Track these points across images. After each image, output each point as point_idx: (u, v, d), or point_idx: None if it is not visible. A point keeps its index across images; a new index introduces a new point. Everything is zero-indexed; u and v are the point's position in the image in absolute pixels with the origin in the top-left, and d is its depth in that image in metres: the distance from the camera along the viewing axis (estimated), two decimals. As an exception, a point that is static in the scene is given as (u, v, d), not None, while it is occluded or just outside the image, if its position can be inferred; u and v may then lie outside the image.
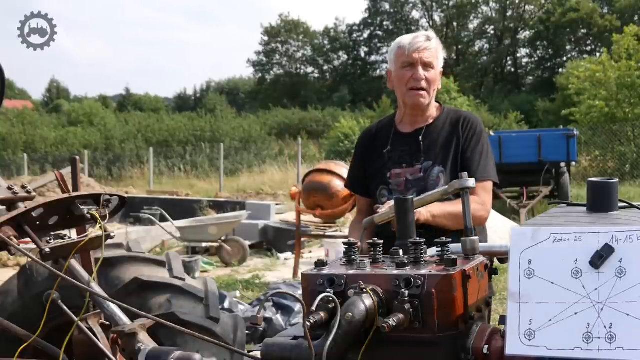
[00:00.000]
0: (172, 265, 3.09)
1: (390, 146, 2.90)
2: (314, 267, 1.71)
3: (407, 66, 2.81)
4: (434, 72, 2.83)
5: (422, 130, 2.87)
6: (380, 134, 2.98)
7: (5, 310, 2.95)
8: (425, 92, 2.81)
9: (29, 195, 2.59)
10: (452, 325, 1.54)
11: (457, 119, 2.87)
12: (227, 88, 62.62)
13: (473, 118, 2.91)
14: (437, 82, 2.86)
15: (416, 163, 2.84)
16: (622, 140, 20.14)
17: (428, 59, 2.79)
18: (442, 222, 2.64)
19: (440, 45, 2.88)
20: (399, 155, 2.88)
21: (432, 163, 2.81)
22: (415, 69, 2.79)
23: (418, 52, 2.78)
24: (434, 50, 2.83)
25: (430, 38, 2.84)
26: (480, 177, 2.75)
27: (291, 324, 5.44)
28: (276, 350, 1.63)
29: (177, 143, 30.18)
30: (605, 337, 1.35)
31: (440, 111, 2.94)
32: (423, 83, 2.79)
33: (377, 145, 2.95)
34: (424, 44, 2.79)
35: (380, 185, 2.88)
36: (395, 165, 2.87)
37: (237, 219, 10.52)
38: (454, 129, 2.85)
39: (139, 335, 2.17)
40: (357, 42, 55.27)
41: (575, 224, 1.62)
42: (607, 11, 45.63)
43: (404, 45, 2.81)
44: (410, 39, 2.82)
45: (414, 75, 2.79)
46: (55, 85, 66.79)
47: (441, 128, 2.87)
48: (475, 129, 2.85)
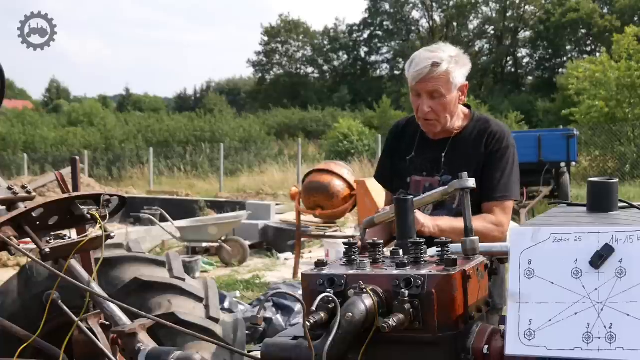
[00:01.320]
0: (172, 265, 3.10)
1: (414, 152, 2.80)
2: (314, 267, 1.71)
3: (415, 94, 2.68)
4: (443, 100, 2.63)
5: (448, 141, 2.75)
6: (407, 133, 2.88)
7: (5, 310, 2.95)
8: (435, 121, 2.68)
9: (29, 195, 2.59)
10: (452, 325, 1.54)
11: (483, 131, 2.72)
12: (227, 88, 62.63)
13: (500, 131, 2.72)
14: (452, 106, 2.66)
15: (436, 174, 2.75)
16: (622, 140, 20.13)
17: (434, 88, 2.60)
18: (449, 236, 2.58)
19: (454, 63, 2.62)
20: (420, 162, 2.79)
21: (451, 178, 2.65)
22: (421, 99, 2.65)
23: (422, 83, 2.61)
24: (443, 76, 2.59)
25: (439, 62, 2.58)
26: (500, 196, 2.65)
27: (291, 324, 5.44)
28: (276, 350, 1.63)
29: (177, 143, 30.15)
30: (605, 337, 1.35)
31: (469, 120, 2.78)
32: (429, 115, 2.65)
33: (402, 143, 2.87)
34: (429, 73, 2.58)
35: (400, 189, 2.81)
36: (416, 172, 2.79)
37: (237, 219, 10.52)
38: (478, 142, 2.71)
39: (139, 335, 2.18)
40: (357, 42, 55.25)
41: (575, 224, 1.62)
42: (607, 11, 45.61)
43: (410, 72, 2.65)
44: (415, 67, 2.62)
45: (420, 107, 2.66)
46: (55, 85, 66.82)
47: (466, 140, 2.73)
48: (501, 144, 2.68)
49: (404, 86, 38.05)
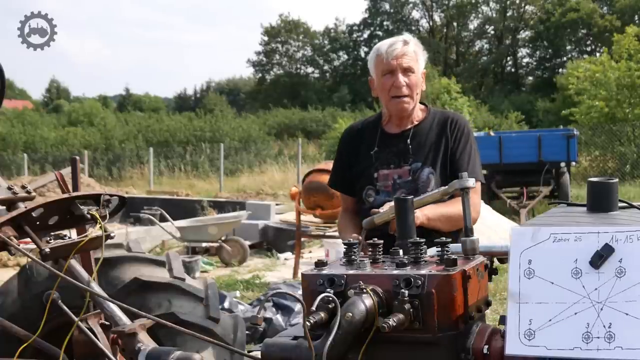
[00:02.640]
0: (172, 265, 3.09)
1: (377, 147, 2.86)
2: (314, 267, 1.71)
3: (387, 74, 2.78)
4: (415, 76, 2.79)
5: (410, 131, 2.86)
6: (365, 134, 2.95)
7: (5, 310, 2.95)
8: (408, 97, 2.78)
9: (29, 195, 2.59)
10: (452, 325, 1.54)
11: (444, 120, 2.86)
12: (227, 88, 62.65)
13: (460, 118, 2.90)
14: (420, 85, 2.83)
15: (404, 164, 2.82)
16: (622, 140, 20.13)
17: (407, 64, 2.76)
18: (436, 224, 2.63)
19: (419, 47, 2.84)
20: (386, 156, 2.85)
21: (421, 164, 2.79)
22: (395, 76, 2.76)
23: (396, 59, 2.75)
24: (413, 54, 2.78)
25: (408, 42, 2.80)
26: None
27: (291, 324, 5.43)
28: (276, 350, 1.63)
29: (177, 143, 30.14)
30: (604, 337, 1.35)
31: (427, 112, 2.92)
32: (404, 89, 2.76)
33: (362, 144, 2.92)
34: (402, 49, 2.76)
35: (367, 186, 2.85)
36: (383, 166, 2.84)
37: (237, 219, 10.52)
38: (442, 129, 2.84)
39: (139, 335, 2.18)
40: (357, 42, 55.26)
41: (575, 224, 1.62)
42: (607, 11, 45.63)
43: (382, 53, 2.78)
44: (387, 46, 2.79)
45: (394, 83, 2.76)
46: (55, 85, 66.81)
47: (429, 129, 2.85)
48: (463, 130, 2.84)
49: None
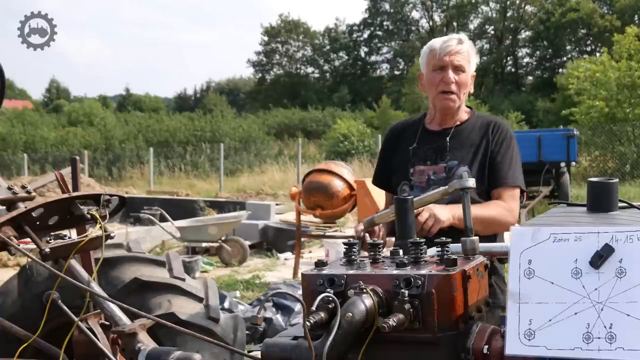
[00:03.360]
0: (172, 265, 3.09)
1: (417, 143, 2.87)
2: (314, 267, 1.71)
3: (437, 69, 2.78)
4: (465, 76, 2.79)
5: (451, 129, 2.85)
6: (407, 131, 2.96)
7: (5, 310, 2.95)
8: (455, 95, 2.78)
9: (29, 195, 2.59)
10: (452, 325, 1.54)
11: (487, 123, 2.86)
12: (227, 88, 62.64)
13: (503, 124, 2.90)
14: (468, 86, 2.83)
15: (441, 161, 2.80)
16: (622, 140, 20.14)
17: (459, 62, 2.76)
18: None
19: (473, 49, 2.85)
20: (424, 152, 2.85)
21: (457, 162, 2.78)
22: (446, 72, 2.76)
23: (449, 55, 2.76)
24: (466, 54, 2.79)
25: (462, 41, 2.80)
26: (510, 184, 2.75)
27: (291, 324, 5.43)
28: (276, 350, 1.63)
29: (177, 143, 30.15)
30: (605, 337, 1.35)
31: (471, 115, 2.92)
32: (453, 86, 2.77)
33: (402, 141, 2.93)
34: (456, 47, 2.77)
35: (402, 181, 2.85)
36: (419, 162, 2.84)
37: (237, 219, 10.52)
38: (483, 132, 2.83)
39: (139, 335, 2.17)
40: (357, 42, 55.27)
41: (575, 224, 1.62)
42: (607, 11, 45.63)
43: (435, 48, 2.78)
44: (442, 42, 2.79)
45: (444, 79, 2.76)
46: (55, 85, 66.79)
47: (470, 130, 2.85)
48: (505, 135, 2.83)
49: (404, 86, 38.09)
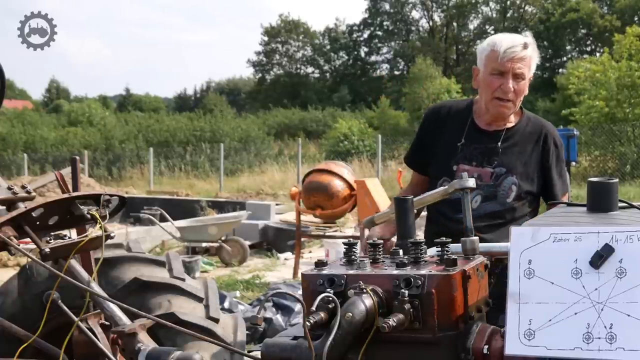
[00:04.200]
0: (172, 265, 3.09)
1: (465, 139, 2.73)
2: (314, 267, 1.71)
3: (496, 73, 2.63)
4: (524, 84, 2.66)
5: (502, 132, 2.73)
6: (453, 120, 2.80)
7: (5, 311, 2.95)
8: (511, 103, 2.66)
9: (29, 195, 2.59)
10: (452, 325, 1.54)
11: (539, 129, 2.76)
12: (227, 88, 62.64)
13: (554, 131, 2.82)
14: (525, 92, 2.70)
15: (487, 165, 2.70)
16: (622, 140, 20.12)
17: (520, 70, 2.61)
18: None
19: (536, 52, 2.69)
20: (471, 151, 2.73)
21: (505, 171, 2.68)
22: (505, 79, 2.61)
23: (512, 62, 2.59)
24: (528, 60, 2.63)
25: (527, 45, 2.62)
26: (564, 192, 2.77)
27: (291, 324, 5.44)
28: (276, 350, 1.63)
29: (177, 143, 30.15)
30: (605, 338, 1.35)
31: (521, 115, 2.80)
32: (510, 95, 2.63)
33: (448, 130, 2.79)
34: (520, 52, 2.60)
35: (444, 177, 2.72)
36: (464, 161, 2.72)
37: (237, 219, 10.52)
38: (535, 140, 2.74)
39: (139, 335, 2.18)
40: (357, 42, 55.25)
41: (575, 224, 1.62)
42: (607, 11, 45.62)
43: (498, 51, 2.60)
44: (507, 45, 2.60)
45: (502, 86, 2.61)
46: (55, 85, 66.78)
47: (521, 135, 2.74)
48: (557, 143, 2.77)
49: (404, 86, 38.06)
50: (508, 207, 2.68)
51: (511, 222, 2.67)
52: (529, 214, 2.74)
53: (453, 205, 2.55)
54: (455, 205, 2.49)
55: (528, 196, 2.72)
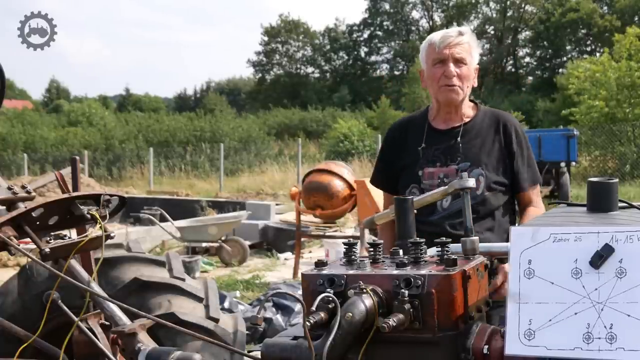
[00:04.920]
0: (172, 265, 3.09)
1: (425, 143, 2.76)
2: (314, 267, 1.71)
3: (437, 63, 2.69)
4: (467, 68, 2.70)
5: (460, 128, 2.75)
6: (411, 129, 2.84)
7: (5, 311, 2.95)
8: (458, 87, 2.69)
9: (29, 195, 2.59)
10: (452, 325, 1.54)
11: (496, 120, 2.78)
12: (227, 88, 62.68)
13: (512, 119, 2.83)
14: (471, 79, 2.74)
15: (451, 163, 2.71)
16: (622, 140, 20.14)
17: (459, 54, 2.67)
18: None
19: (474, 40, 2.75)
20: (432, 153, 2.74)
21: (469, 164, 2.69)
22: (446, 65, 2.67)
23: (449, 48, 2.67)
24: (467, 46, 2.70)
25: (463, 33, 2.71)
26: (534, 183, 2.78)
27: (291, 324, 5.44)
28: (276, 350, 1.63)
29: (177, 143, 30.16)
30: (605, 338, 1.35)
31: (477, 110, 2.83)
32: (455, 80, 2.68)
33: (408, 140, 2.82)
34: (455, 39, 2.68)
35: (412, 184, 2.75)
36: (428, 164, 2.74)
37: (237, 219, 10.52)
38: (495, 130, 2.75)
39: (139, 335, 2.17)
40: (357, 42, 55.30)
41: (575, 224, 1.62)
42: (607, 11, 45.64)
43: (435, 42, 2.69)
44: (441, 35, 2.71)
45: (445, 72, 2.67)
46: (55, 85, 66.83)
47: (479, 127, 2.76)
48: (518, 131, 2.77)
49: (404, 86, 38.09)
50: (479, 200, 2.66)
51: (487, 215, 2.69)
52: (503, 205, 2.73)
53: (424, 208, 2.49)
54: (426, 207, 2.46)
55: (498, 186, 2.71)
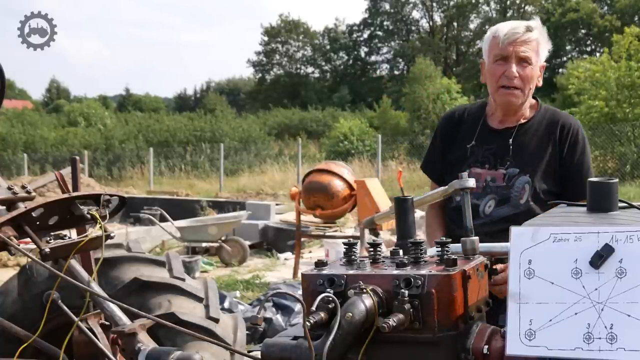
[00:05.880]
0: (172, 265, 3.09)
1: (475, 141, 2.61)
2: (314, 267, 1.71)
3: (499, 60, 2.50)
4: (531, 69, 2.50)
5: (514, 130, 2.58)
6: (466, 122, 2.68)
7: (5, 311, 2.95)
8: (519, 90, 2.50)
9: (29, 195, 2.59)
10: (452, 325, 1.54)
11: (554, 122, 2.58)
12: (227, 88, 62.69)
13: (574, 123, 2.59)
14: (535, 80, 2.54)
15: (500, 167, 2.56)
16: (622, 140, 20.14)
17: (524, 53, 2.47)
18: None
19: (544, 36, 2.54)
20: (482, 153, 2.60)
21: (518, 171, 2.53)
22: (509, 64, 2.48)
23: (514, 45, 2.46)
24: (534, 43, 2.49)
25: (532, 28, 2.49)
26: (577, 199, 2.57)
27: (291, 324, 5.44)
28: (276, 350, 1.63)
29: (177, 143, 30.17)
30: (606, 338, 1.35)
31: (537, 109, 2.63)
32: (516, 81, 2.48)
33: (461, 133, 2.67)
34: (523, 35, 2.47)
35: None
36: (476, 164, 2.59)
37: (237, 219, 10.53)
38: (550, 133, 2.56)
39: (139, 335, 2.18)
40: (357, 42, 55.29)
41: (575, 224, 1.62)
42: (607, 11, 45.65)
43: (499, 36, 2.49)
44: (508, 29, 2.49)
45: (506, 72, 2.48)
46: (55, 85, 66.83)
47: (535, 130, 2.58)
48: (577, 137, 2.55)
49: (404, 86, 38.05)
50: (523, 210, 2.50)
51: None
52: None
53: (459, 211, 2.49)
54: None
55: (548, 196, 2.50)
